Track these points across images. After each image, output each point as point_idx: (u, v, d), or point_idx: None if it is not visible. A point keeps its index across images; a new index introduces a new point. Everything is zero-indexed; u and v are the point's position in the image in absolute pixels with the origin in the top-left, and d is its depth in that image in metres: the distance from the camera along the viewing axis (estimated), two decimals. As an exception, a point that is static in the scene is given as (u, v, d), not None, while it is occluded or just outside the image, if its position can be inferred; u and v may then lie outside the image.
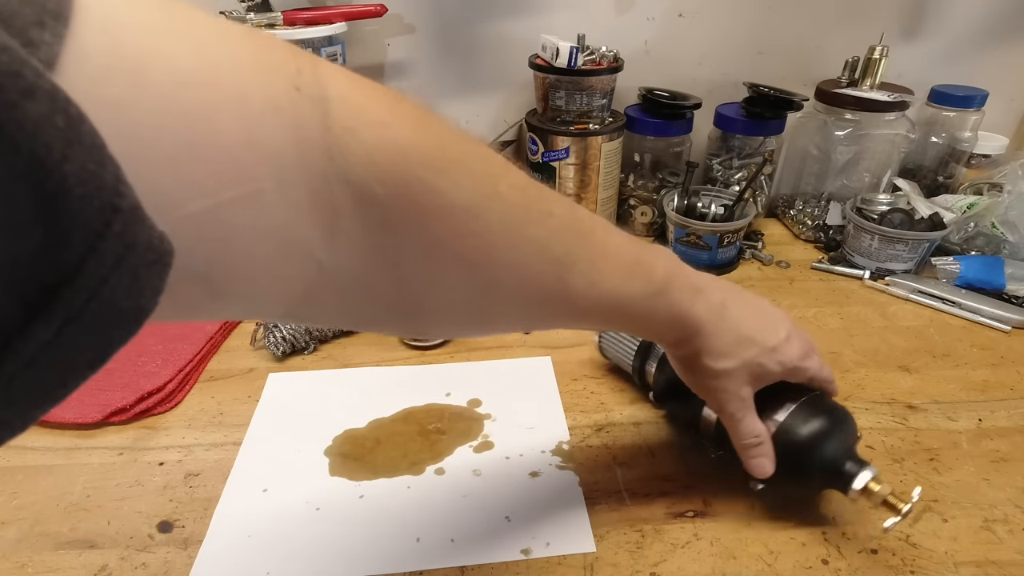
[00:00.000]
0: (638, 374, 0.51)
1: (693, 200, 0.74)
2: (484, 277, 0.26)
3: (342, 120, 0.20)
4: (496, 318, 0.30)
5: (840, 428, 0.41)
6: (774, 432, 0.41)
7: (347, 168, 0.20)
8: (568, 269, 0.29)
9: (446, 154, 0.24)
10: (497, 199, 0.26)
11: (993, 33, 0.81)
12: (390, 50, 0.79)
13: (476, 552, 0.41)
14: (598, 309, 0.32)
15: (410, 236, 0.23)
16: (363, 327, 0.28)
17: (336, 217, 0.20)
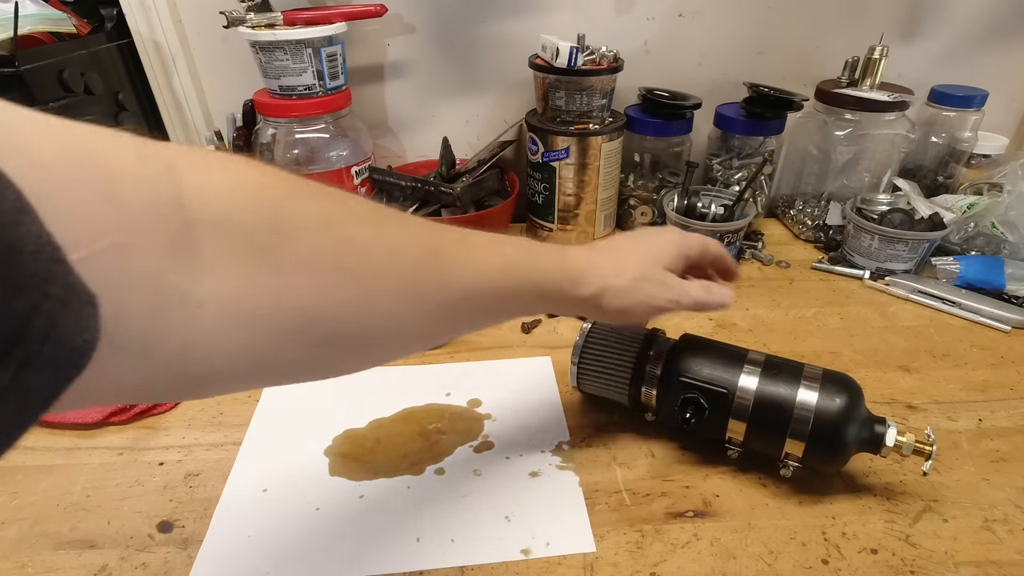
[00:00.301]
0: (633, 400, 0.49)
1: (693, 200, 0.74)
2: (368, 282, 0.27)
3: (191, 173, 0.22)
4: (394, 330, 0.30)
5: (859, 394, 0.43)
6: (812, 418, 0.42)
7: (204, 211, 0.22)
8: (439, 251, 0.31)
9: (293, 181, 0.26)
10: (353, 213, 0.28)
11: (993, 33, 0.81)
12: (390, 50, 0.79)
13: (476, 552, 0.41)
14: (487, 284, 0.33)
15: (282, 256, 0.24)
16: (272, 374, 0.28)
17: (202, 258, 0.22)
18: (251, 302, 0.23)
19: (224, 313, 0.23)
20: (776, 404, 0.43)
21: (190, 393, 0.26)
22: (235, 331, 0.23)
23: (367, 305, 0.28)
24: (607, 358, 0.49)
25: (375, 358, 0.31)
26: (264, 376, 0.28)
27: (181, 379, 0.23)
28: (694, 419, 0.45)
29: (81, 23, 0.71)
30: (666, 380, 0.47)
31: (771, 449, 0.44)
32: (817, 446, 0.42)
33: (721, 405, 0.44)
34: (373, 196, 0.76)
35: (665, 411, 0.48)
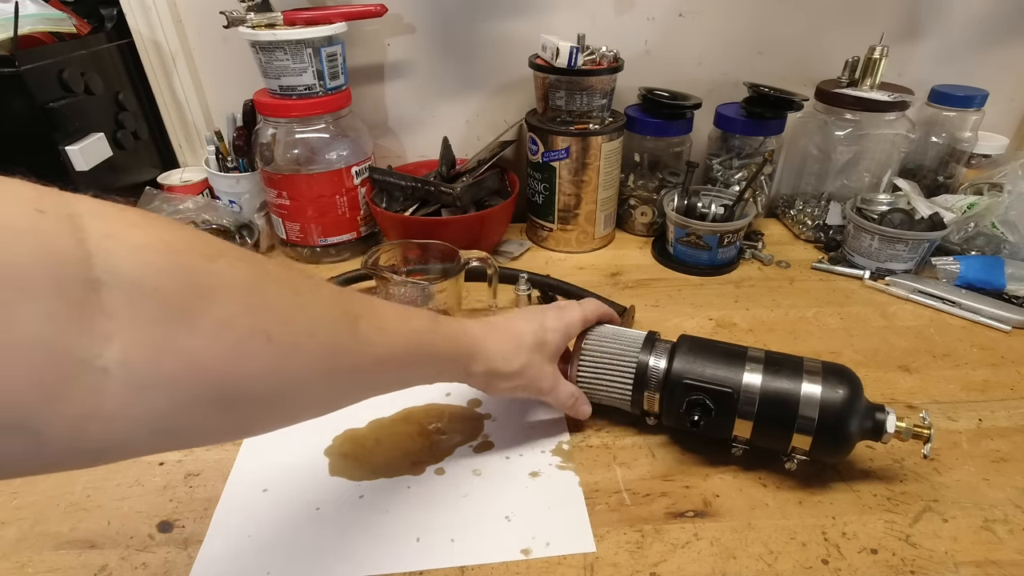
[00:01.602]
0: (636, 405, 0.48)
1: (693, 200, 0.74)
2: (286, 348, 0.27)
3: (99, 229, 0.21)
4: (306, 394, 0.30)
5: (859, 385, 0.44)
6: (818, 412, 0.42)
7: (113, 270, 0.21)
8: (355, 319, 0.32)
9: (211, 244, 0.25)
10: (273, 279, 0.28)
11: (993, 33, 0.81)
12: (390, 50, 0.79)
13: (476, 552, 0.41)
14: (395, 353, 0.35)
15: (200, 320, 0.23)
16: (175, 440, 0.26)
17: (109, 319, 0.20)
18: (164, 367, 0.22)
19: (132, 380, 0.21)
20: (782, 399, 0.43)
21: (83, 465, 0.23)
22: (143, 398, 0.22)
23: (283, 371, 0.27)
24: (606, 366, 0.49)
25: (281, 421, 0.31)
26: (166, 442, 0.26)
27: (74, 454, 0.21)
28: (702, 421, 0.45)
29: (81, 23, 0.71)
30: (669, 383, 0.47)
31: (778, 444, 0.44)
32: (823, 438, 0.43)
33: (727, 404, 0.44)
34: (373, 196, 0.76)
35: (670, 414, 0.47)
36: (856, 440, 0.44)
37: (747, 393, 0.44)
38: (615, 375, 0.48)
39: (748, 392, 0.44)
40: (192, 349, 0.23)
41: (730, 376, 0.45)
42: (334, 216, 0.75)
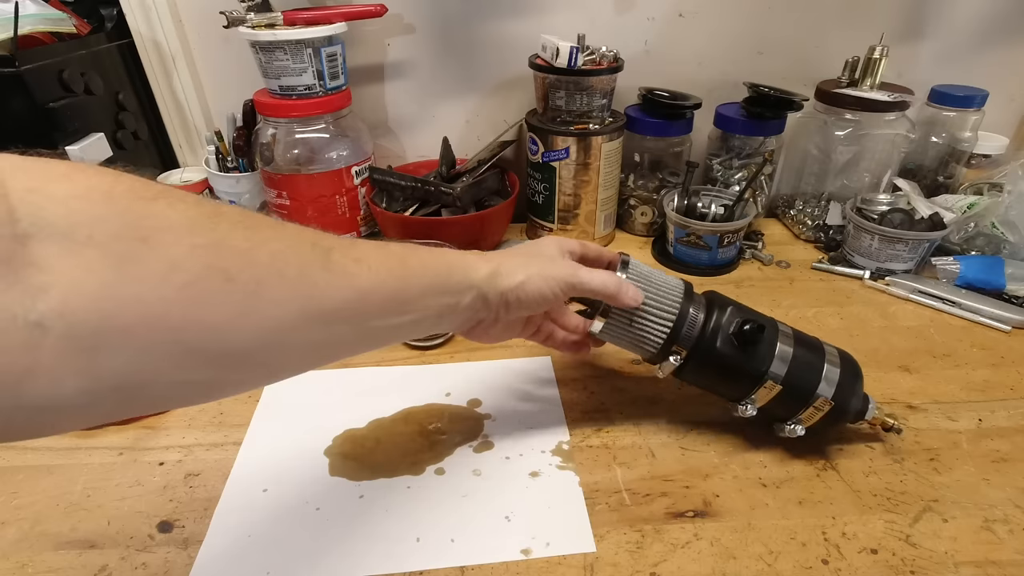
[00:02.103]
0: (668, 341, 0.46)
1: (693, 200, 0.74)
2: (249, 287, 0.25)
3: (21, 183, 0.20)
4: (281, 342, 0.27)
5: (861, 376, 0.47)
6: (834, 391, 0.45)
7: (41, 223, 0.20)
8: (327, 252, 0.29)
9: (149, 186, 0.24)
10: (223, 217, 0.25)
11: (993, 33, 0.81)
12: (390, 50, 0.79)
13: (476, 552, 0.41)
14: (381, 282, 0.31)
15: (145, 265, 0.22)
16: (137, 402, 0.24)
17: (41, 272, 0.19)
18: (109, 318, 0.21)
19: (74, 333, 0.20)
20: (809, 360, 0.46)
21: (35, 429, 0.22)
22: (90, 352, 0.21)
23: (249, 314, 0.25)
24: (656, 290, 0.46)
25: (264, 375, 0.29)
26: (133, 401, 0.24)
27: (14, 413, 0.20)
28: (756, 336, 0.44)
29: (81, 23, 0.71)
30: (709, 315, 0.46)
31: (795, 406, 0.46)
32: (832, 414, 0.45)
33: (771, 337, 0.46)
34: (373, 196, 0.76)
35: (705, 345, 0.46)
36: (849, 419, 0.47)
37: (784, 342, 0.46)
38: (657, 310, 0.46)
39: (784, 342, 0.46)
40: (140, 296, 0.21)
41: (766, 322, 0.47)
42: (334, 216, 0.75)
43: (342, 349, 0.32)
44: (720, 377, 0.47)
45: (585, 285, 0.42)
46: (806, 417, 0.46)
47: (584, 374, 0.57)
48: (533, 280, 0.41)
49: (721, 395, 0.49)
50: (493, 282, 0.39)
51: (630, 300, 0.44)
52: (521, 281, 0.40)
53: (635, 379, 0.57)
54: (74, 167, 0.22)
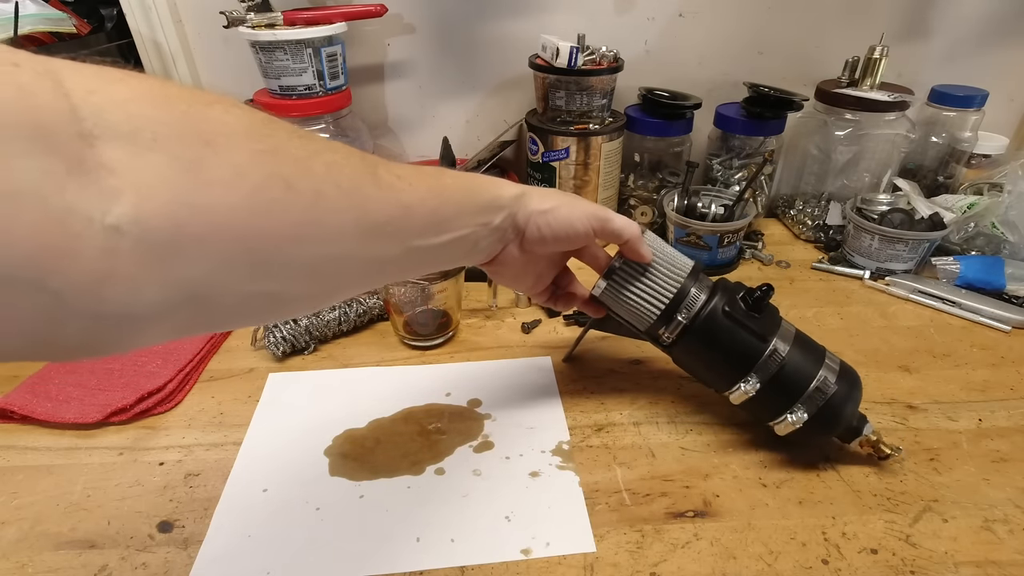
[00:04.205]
0: (669, 309, 0.46)
1: (693, 200, 0.74)
2: (310, 197, 0.25)
3: (79, 84, 0.19)
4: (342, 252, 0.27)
5: (860, 389, 0.47)
6: (828, 396, 0.44)
7: (105, 124, 0.19)
8: (374, 166, 0.29)
9: (204, 91, 0.23)
10: (275, 123, 0.25)
11: (993, 33, 0.81)
12: (390, 50, 0.79)
13: (476, 552, 0.41)
14: (421, 198, 0.32)
15: (211, 170, 0.21)
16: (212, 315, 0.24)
17: (112, 175, 0.19)
18: (184, 225, 0.20)
19: (148, 238, 0.20)
20: (807, 352, 0.46)
21: (113, 341, 0.22)
22: (166, 261, 0.20)
23: (312, 222, 0.25)
24: (657, 265, 0.47)
25: (327, 290, 0.29)
26: (201, 314, 0.23)
27: (98, 321, 0.20)
28: (764, 298, 0.45)
29: (81, 23, 0.71)
30: (713, 293, 0.47)
31: (787, 398, 0.45)
32: (819, 420, 0.45)
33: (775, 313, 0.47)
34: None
35: (707, 317, 0.46)
36: (837, 433, 0.46)
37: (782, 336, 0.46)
38: (665, 273, 0.46)
39: (783, 337, 0.46)
40: (210, 203, 0.21)
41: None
42: (334, 216, 0.75)
43: (390, 268, 0.32)
44: (721, 350, 0.46)
45: (612, 221, 0.44)
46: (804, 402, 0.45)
47: (584, 374, 0.57)
48: (562, 209, 0.42)
49: (720, 376, 0.47)
50: (522, 202, 0.40)
51: (646, 251, 0.45)
52: (551, 207, 0.41)
53: (635, 379, 0.57)
54: (128, 72, 0.21)
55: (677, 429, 0.51)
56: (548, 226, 0.42)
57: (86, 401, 0.52)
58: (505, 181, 0.41)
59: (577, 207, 0.43)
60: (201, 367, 0.58)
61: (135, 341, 0.22)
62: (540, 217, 0.41)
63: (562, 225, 0.42)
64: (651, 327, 0.48)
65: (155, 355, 0.57)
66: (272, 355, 0.59)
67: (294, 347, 0.59)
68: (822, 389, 0.44)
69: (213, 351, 0.60)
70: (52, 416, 0.51)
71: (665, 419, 0.52)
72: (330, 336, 0.62)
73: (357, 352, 0.60)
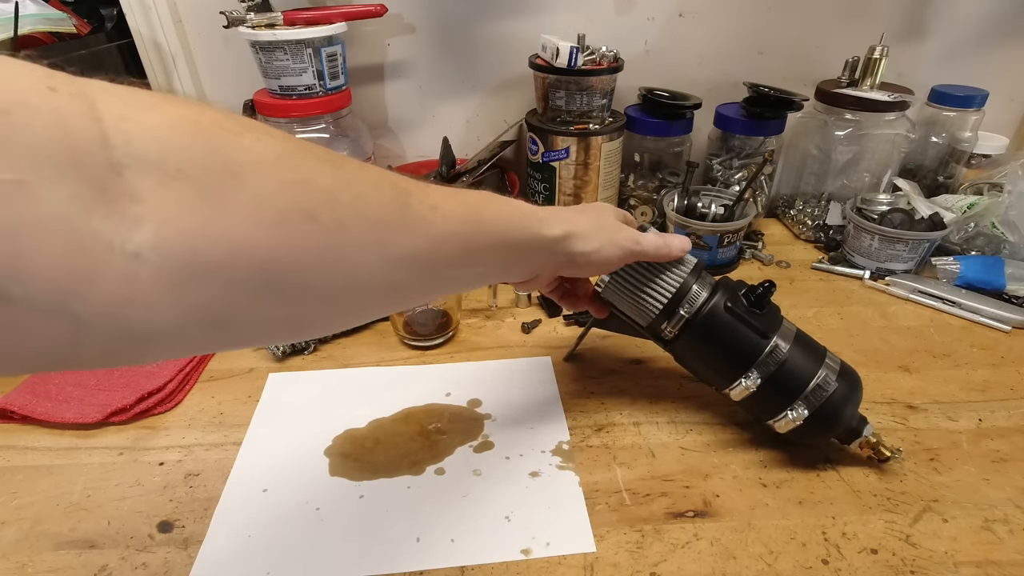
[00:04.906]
0: (672, 302, 0.47)
1: (693, 200, 0.74)
2: (333, 228, 0.25)
3: (113, 109, 0.20)
4: (362, 283, 0.27)
5: (861, 389, 0.47)
6: (828, 395, 0.44)
7: (134, 153, 0.20)
8: (406, 195, 0.29)
9: (235, 119, 0.23)
10: (309, 153, 0.25)
11: (993, 33, 0.81)
12: (390, 50, 0.79)
13: (476, 552, 0.41)
14: (453, 230, 0.31)
15: (234, 199, 0.22)
16: (229, 335, 0.25)
17: (136, 203, 0.20)
18: (200, 252, 0.21)
19: (167, 265, 0.20)
20: (808, 350, 0.46)
21: (130, 358, 0.22)
22: (182, 285, 0.21)
23: (333, 253, 0.25)
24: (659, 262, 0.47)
25: (343, 315, 0.29)
26: (220, 335, 0.24)
27: (117, 341, 0.21)
28: (767, 294, 0.46)
29: (81, 23, 0.71)
30: (715, 290, 0.47)
31: (787, 396, 0.45)
32: (816, 421, 0.45)
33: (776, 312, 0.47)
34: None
35: (709, 312, 0.46)
36: (836, 434, 0.46)
37: (783, 335, 0.46)
38: (668, 268, 0.47)
39: (784, 336, 0.46)
40: (228, 231, 0.22)
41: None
42: (334, 216, 0.75)
43: (412, 295, 0.32)
44: (722, 346, 0.46)
45: (645, 250, 0.44)
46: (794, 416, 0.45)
47: (584, 374, 0.57)
48: (606, 249, 0.42)
49: (720, 372, 0.47)
50: (565, 244, 0.40)
51: (678, 248, 0.46)
52: (596, 248, 0.41)
53: (635, 379, 0.57)
54: (160, 96, 0.22)
55: (677, 429, 0.51)
56: (588, 264, 0.42)
57: (86, 401, 0.52)
58: (553, 215, 0.39)
59: (617, 243, 0.43)
60: (201, 367, 0.58)
61: (150, 357, 0.23)
62: (582, 257, 0.41)
63: (602, 264, 0.43)
64: (653, 322, 0.48)
65: (155, 355, 0.57)
66: (272, 355, 0.59)
67: (294, 347, 0.59)
68: (822, 387, 0.44)
69: (213, 351, 0.60)
70: (52, 416, 0.51)
71: (665, 419, 0.52)
72: (330, 336, 0.62)
73: (357, 352, 0.60)
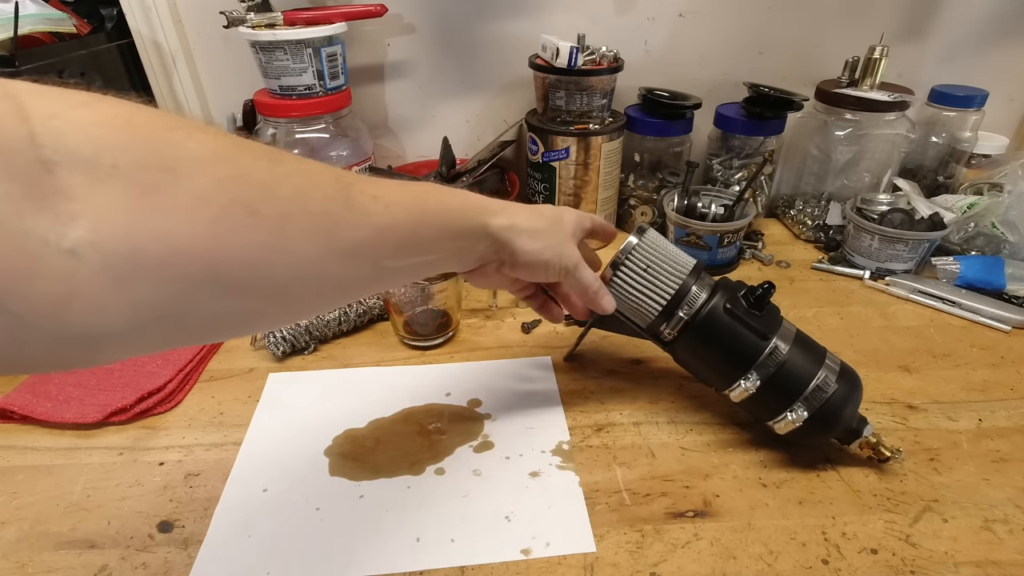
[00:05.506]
0: (672, 302, 0.47)
1: (693, 200, 0.74)
2: (276, 221, 0.25)
3: (40, 108, 0.20)
4: (310, 274, 0.27)
5: (861, 390, 0.46)
6: (828, 396, 0.44)
7: (64, 150, 0.20)
8: (348, 187, 0.29)
9: (169, 116, 0.23)
10: (243, 147, 0.25)
11: (993, 33, 0.81)
12: (390, 50, 0.79)
13: (476, 552, 0.41)
14: (398, 220, 0.31)
15: (173, 196, 0.22)
16: (179, 332, 0.25)
17: (70, 200, 0.19)
18: (143, 250, 0.21)
19: (107, 263, 0.20)
20: (808, 351, 0.46)
21: (81, 359, 0.22)
22: (129, 284, 0.21)
23: (278, 247, 0.25)
24: (657, 264, 0.47)
25: (294, 308, 0.29)
26: (177, 331, 0.24)
27: (63, 342, 0.20)
28: (766, 296, 0.46)
29: (81, 23, 0.71)
30: (715, 291, 0.47)
31: (787, 397, 0.45)
32: (817, 421, 0.45)
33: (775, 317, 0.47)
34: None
35: (712, 309, 0.46)
36: (836, 434, 0.46)
37: (783, 336, 0.46)
38: (666, 271, 0.47)
39: (784, 337, 0.46)
40: (169, 228, 0.21)
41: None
42: (334, 216, 0.75)
43: (360, 286, 0.32)
44: (721, 348, 0.46)
45: (578, 280, 0.45)
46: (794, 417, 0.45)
47: (584, 374, 0.57)
48: (546, 253, 0.42)
49: (720, 373, 0.47)
50: (507, 235, 0.40)
51: (605, 304, 0.46)
52: (538, 249, 0.41)
53: (635, 379, 0.57)
54: (92, 95, 0.22)
55: (677, 429, 0.51)
56: (526, 264, 0.42)
57: (86, 401, 0.52)
58: (498, 206, 0.40)
59: (561, 254, 0.43)
60: (201, 367, 0.58)
61: (105, 357, 0.23)
62: (524, 255, 0.41)
63: (539, 267, 0.43)
64: (652, 324, 0.48)
65: (155, 355, 0.57)
66: (272, 355, 0.59)
67: (294, 347, 0.59)
68: (822, 388, 0.44)
69: (213, 351, 0.60)
70: (52, 416, 0.51)
71: (665, 419, 0.52)
72: (330, 336, 0.62)
73: (357, 352, 0.60)
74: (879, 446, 0.46)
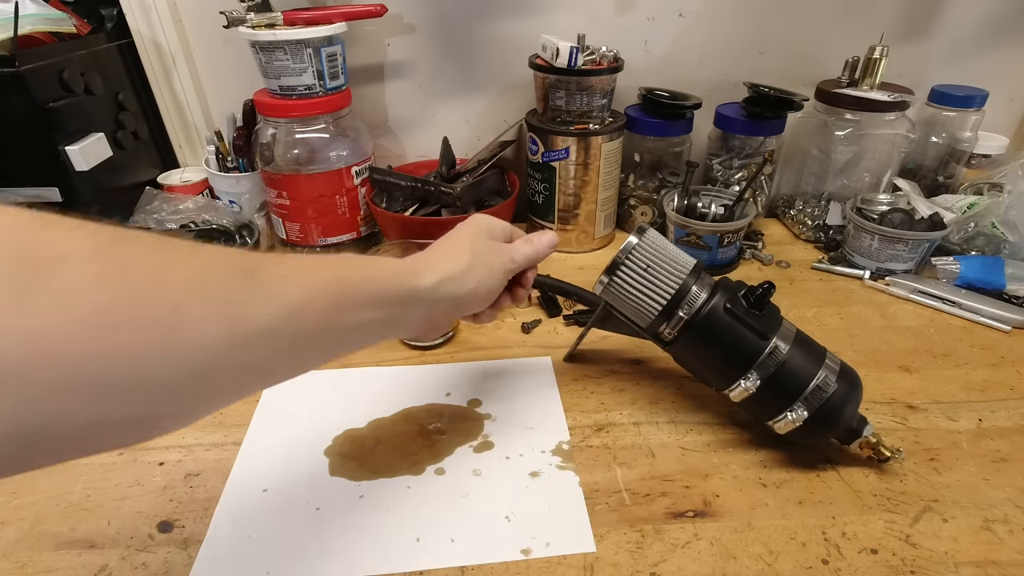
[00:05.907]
0: (672, 302, 0.47)
1: (693, 200, 0.74)
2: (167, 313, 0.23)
3: None
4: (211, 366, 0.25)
5: (861, 390, 0.46)
6: (828, 396, 0.44)
7: None
8: (251, 271, 0.27)
9: (39, 216, 0.22)
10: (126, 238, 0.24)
11: (993, 33, 0.81)
12: (390, 50, 0.79)
13: (476, 552, 0.41)
14: (312, 300, 0.30)
15: (42, 296, 0.20)
16: (51, 447, 0.22)
17: None
18: (4, 357, 0.19)
19: None
20: (808, 351, 0.46)
21: None
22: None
23: (167, 341, 0.23)
24: (657, 264, 0.47)
25: (193, 407, 0.26)
26: (28, 451, 0.22)
27: None
28: (766, 295, 0.46)
29: (81, 23, 0.71)
30: (715, 291, 0.47)
31: (787, 397, 0.45)
32: (816, 421, 0.45)
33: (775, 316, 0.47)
34: (373, 196, 0.76)
35: (708, 313, 0.46)
36: (836, 434, 0.46)
37: (783, 334, 0.46)
38: (666, 270, 0.47)
39: (784, 336, 0.46)
40: (35, 331, 0.20)
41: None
42: (334, 216, 0.75)
43: (277, 371, 0.30)
44: (721, 347, 0.46)
45: (520, 265, 0.45)
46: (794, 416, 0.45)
47: (584, 374, 0.57)
48: (485, 282, 0.42)
49: (720, 373, 0.47)
50: (443, 290, 0.39)
51: (546, 245, 0.46)
52: (475, 285, 0.41)
53: (635, 379, 0.57)
54: None
55: (677, 429, 0.51)
56: (476, 301, 0.42)
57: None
58: (424, 266, 0.39)
59: (495, 270, 0.43)
60: (201, 367, 0.58)
61: None
62: (465, 298, 0.41)
63: (485, 297, 0.43)
64: (652, 324, 0.48)
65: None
66: (272, 355, 0.59)
67: (294, 347, 0.59)
68: (822, 388, 0.44)
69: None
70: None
71: (665, 419, 0.52)
72: (330, 336, 0.61)
73: (357, 352, 0.60)
74: (879, 446, 0.46)
